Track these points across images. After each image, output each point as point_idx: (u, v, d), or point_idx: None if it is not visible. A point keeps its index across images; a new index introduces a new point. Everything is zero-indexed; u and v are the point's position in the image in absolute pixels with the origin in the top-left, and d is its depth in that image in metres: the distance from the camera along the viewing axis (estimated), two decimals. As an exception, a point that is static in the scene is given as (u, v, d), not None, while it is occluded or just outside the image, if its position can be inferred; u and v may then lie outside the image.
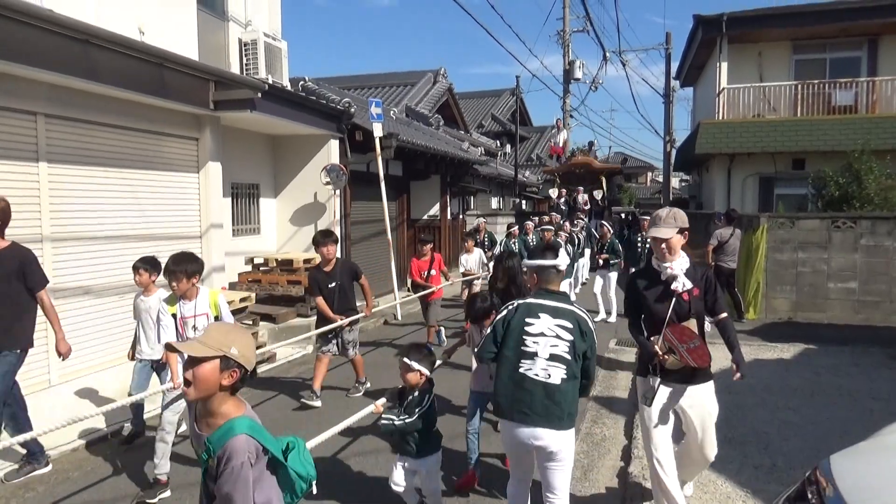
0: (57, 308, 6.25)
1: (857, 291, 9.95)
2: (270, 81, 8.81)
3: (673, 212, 3.49)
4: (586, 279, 13.71)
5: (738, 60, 15.83)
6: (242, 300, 7.63)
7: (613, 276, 10.54)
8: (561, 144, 22.02)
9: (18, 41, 5.28)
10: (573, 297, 11.26)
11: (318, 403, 6.10)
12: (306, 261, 9.46)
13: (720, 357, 7.62)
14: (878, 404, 5.90)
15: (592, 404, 6.09)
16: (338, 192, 10.66)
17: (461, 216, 18.40)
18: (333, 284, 6.20)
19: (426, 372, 3.52)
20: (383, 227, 11.06)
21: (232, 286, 9.24)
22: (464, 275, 9.38)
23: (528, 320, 3.19)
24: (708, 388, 3.55)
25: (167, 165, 7.86)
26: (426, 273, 8.35)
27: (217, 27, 9.14)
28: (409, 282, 8.85)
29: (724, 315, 3.53)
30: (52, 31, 5.54)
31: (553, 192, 20.47)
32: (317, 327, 6.37)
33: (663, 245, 3.40)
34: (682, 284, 3.38)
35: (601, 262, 10.68)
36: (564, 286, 8.70)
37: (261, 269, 9.62)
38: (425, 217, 16.21)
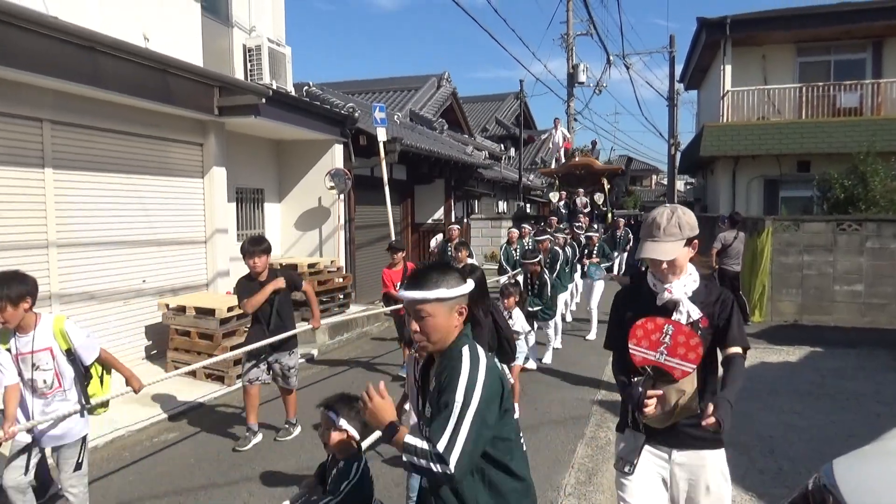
0: (62, 313, 6.30)
1: (862, 294, 9.90)
2: (274, 87, 8.85)
3: (676, 216, 2.42)
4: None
5: (742, 63, 15.81)
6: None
7: (599, 284, 9.46)
8: (560, 143, 21.59)
9: (24, 49, 5.32)
10: (568, 315, 10.39)
11: (257, 439, 5.29)
12: (311, 265, 9.48)
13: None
14: (883, 408, 5.88)
15: (597, 408, 6.08)
16: (342, 196, 10.69)
17: (465, 220, 18.40)
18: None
19: (354, 434, 2.66)
20: (387, 231, 11.08)
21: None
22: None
23: None
24: (715, 459, 2.45)
25: (172, 171, 7.89)
26: (399, 285, 7.16)
27: (221, 33, 9.18)
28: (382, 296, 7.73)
29: (737, 350, 2.41)
30: (58, 38, 5.58)
31: (554, 196, 19.41)
32: (244, 350, 5.24)
33: (664, 266, 2.41)
34: (685, 314, 2.38)
35: (587, 264, 9.87)
36: (561, 300, 7.46)
37: (265, 273, 9.63)
38: (429, 221, 16.23)
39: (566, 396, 6.40)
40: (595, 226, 16.28)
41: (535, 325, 7.41)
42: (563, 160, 20.82)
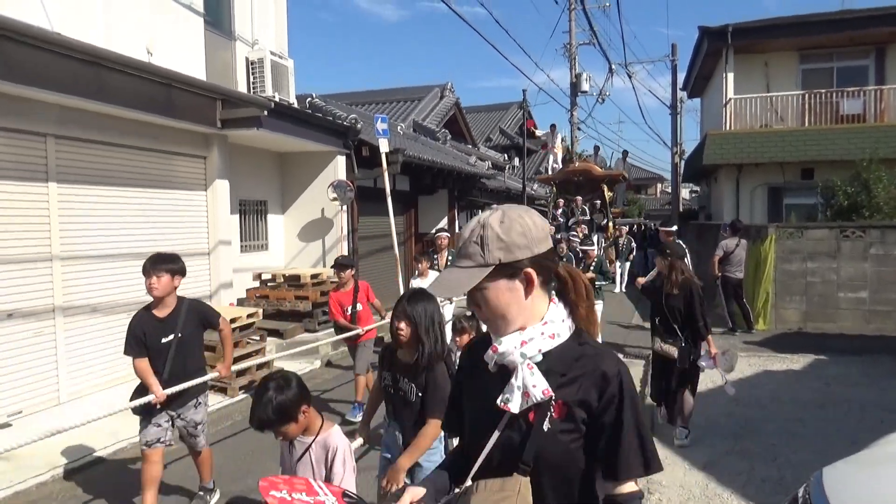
0: (66, 326, 6.36)
1: (867, 301, 9.86)
2: (277, 99, 8.93)
3: (485, 227, 1.42)
4: None
5: (745, 71, 15.82)
6: (250, 316, 7.68)
7: (599, 305, 7.68)
8: (557, 147, 20.89)
9: (28, 64, 5.39)
10: None
11: (216, 497, 4.51)
12: (314, 276, 9.52)
13: (739, 367, 7.60)
14: (888, 415, 5.84)
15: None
16: (345, 207, 10.74)
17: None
18: (169, 338, 4.04)
19: None
20: (391, 241, 11.11)
21: (240, 302, 9.31)
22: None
23: None
24: None
25: (175, 183, 7.95)
26: (350, 309, 6.30)
27: (224, 46, 9.28)
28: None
29: (629, 491, 1.38)
30: (61, 53, 5.66)
31: (551, 205, 18.46)
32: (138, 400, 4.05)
33: (481, 310, 1.46)
34: (518, 395, 1.40)
35: None
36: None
37: (268, 284, 9.68)
38: (433, 231, 16.24)
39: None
40: (594, 236, 15.55)
41: None
42: (561, 166, 20.17)
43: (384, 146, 10.22)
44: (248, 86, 9.27)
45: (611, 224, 18.00)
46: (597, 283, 8.46)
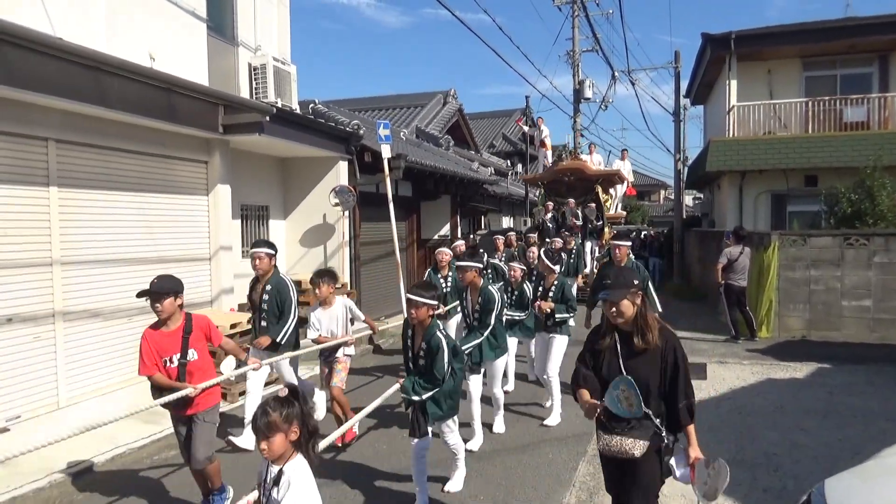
0: (66, 331, 6.35)
1: (871, 309, 9.80)
2: (279, 105, 8.93)
3: None
4: None
5: (748, 78, 15.80)
6: (249, 321, 7.65)
7: (561, 344, 6.33)
8: (546, 140, 19.07)
9: (29, 69, 5.39)
10: (510, 384, 7.41)
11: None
12: (315, 282, 9.49)
13: (731, 377, 7.57)
14: (892, 425, 5.79)
15: (600, 425, 6.02)
16: (347, 213, 10.73)
17: (471, 236, 18.41)
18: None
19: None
20: (393, 247, 11.09)
21: (241, 307, 9.27)
22: (315, 340, 5.75)
23: None
24: None
25: (176, 188, 7.95)
26: (176, 360, 4.10)
27: (227, 52, 9.29)
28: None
29: None
30: (64, 59, 5.65)
31: (539, 212, 16.37)
32: None
33: None
34: None
35: (541, 313, 6.43)
36: (497, 367, 5.69)
37: (270, 290, 9.65)
38: (436, 237, 16.24)
39: (567, 413, 6.34)
40: (587, 244, 14.88)
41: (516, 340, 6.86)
42: (550, 164, 17.89)
43: (386, 152, 10.21)
44: (251, 91, 9.28)
45: (606, 229, 16.09)
46: (557, 315, 6.28)
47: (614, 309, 2.93)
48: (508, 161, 26.64)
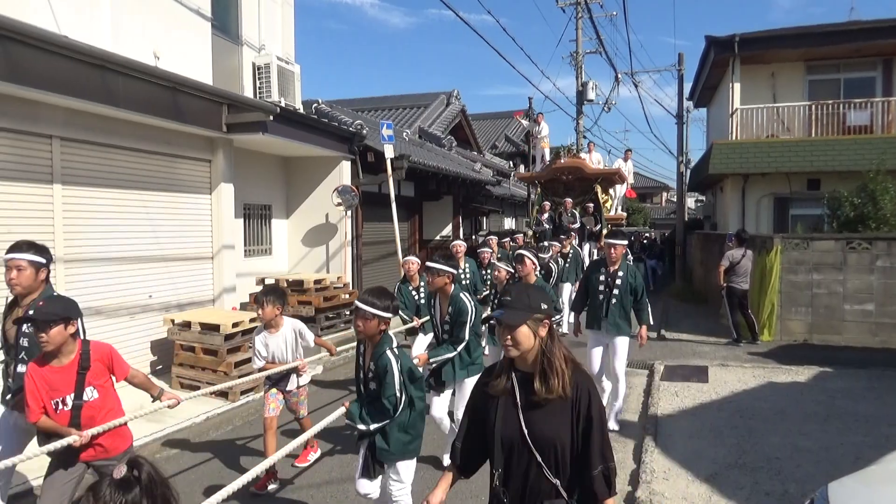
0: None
1: (874, 313, 9.78)
2: (283, 104, 8.95)
3: None
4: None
5: (751, 81, 15.79)
6: (252, 321, 7.67)
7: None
8: (544, 137, 18.29)
9: (35, 67, 5.41)
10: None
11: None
12: (317, 281, 9.51)
13: (733, 380, 7.56)
14: (894, 430, 5.77)
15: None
16: (349, 212, 10.74)
17: (473, 236, 18.41)
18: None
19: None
20: (395, 247, 11.11)
21: (243, 307, 9.29)
22: (261, 369, 4.92)
23: None
24: None
25: (180, 187, 7.97)
26: (70, 402, 3.28)
27: (231, 51, 9.31)
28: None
29: None
30: (69, 57, 5.67)
31: (534, 209, 15.52)
32: None
33: None
34: None
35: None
36: (437, 404, 4.89)
37: (272, 289, 9.67)
38: (437, 237, 16.25)
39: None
40: (585, 246, 14.25)
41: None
42: (547, 163, 17.23)
43: (389, 152, 10.23)
44: (255, 90, 9.30)
45: (605, 231, 14.70)
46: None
47: (509, 337, 2.20)
48: (511, 162, 26.66)
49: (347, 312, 10.07)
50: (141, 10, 7.33)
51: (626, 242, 6.17)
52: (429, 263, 4.92)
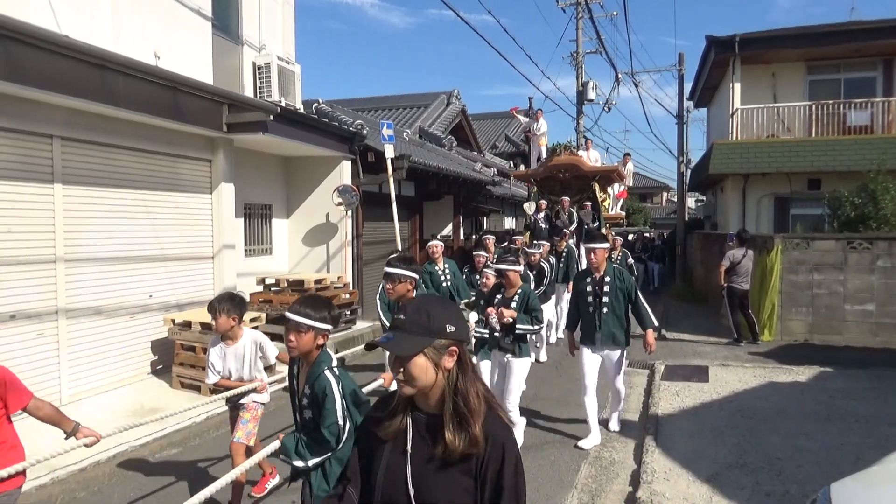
0: (69, 328, 6.36)
1: (874, 314, 9.78)
2: (283, 104, 8.94)
3: None
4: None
5: (752, 81, 15.79)
6: (252, 320, 7.68)
7: (520, 370, 5.27)
8: (542, 134, 17.52)
9: (35, 67, 5.40)
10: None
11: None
12: (317, 281, 9.51)
13: (733, 380, 7.56)
14: (894, 430, 5.77)
15: (601, 427, 6.01)
16: (350, 212, 10.74)
17: (473, 236, 18.39)
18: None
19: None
20: (395, 247, 11.10)
21: (243, 306, 9.30)
22: (213, 390, 4.64)
23: None
24: None
25: (180, 187, 7.97)
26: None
27: (231, 51, 9.30)
28: None
29: None
30: (69, 56, 5.67)
31: (530, 207, 14.62)
32: None
33: None
34: None
35: (497, 323, 5.22)
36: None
37: (272, 289, 9.67)
38: (438, 237, 16.23)
39: (571, 414, 6.34)
40: (584, 246, 14.04)
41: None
42: (544, 160, 16.60)
43: (390, 152, 10.23)
44: (255, 90, 9.29)
45: (603, 230, 14.25)
46: (518, 326, 5.16)
47: (402, 371, 1.64)
48: (511, 162, 26.64)
49: (348, 312, 10.06)
50: (141, 10, 7.33)
51: (607, 245, 5.73)
52: (387, 269, 4.57)
